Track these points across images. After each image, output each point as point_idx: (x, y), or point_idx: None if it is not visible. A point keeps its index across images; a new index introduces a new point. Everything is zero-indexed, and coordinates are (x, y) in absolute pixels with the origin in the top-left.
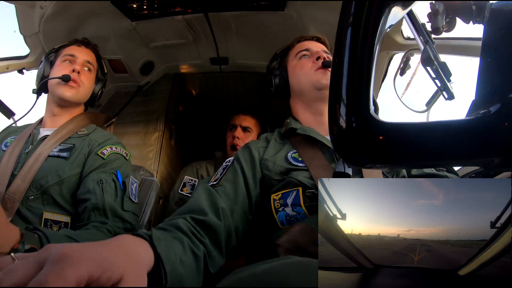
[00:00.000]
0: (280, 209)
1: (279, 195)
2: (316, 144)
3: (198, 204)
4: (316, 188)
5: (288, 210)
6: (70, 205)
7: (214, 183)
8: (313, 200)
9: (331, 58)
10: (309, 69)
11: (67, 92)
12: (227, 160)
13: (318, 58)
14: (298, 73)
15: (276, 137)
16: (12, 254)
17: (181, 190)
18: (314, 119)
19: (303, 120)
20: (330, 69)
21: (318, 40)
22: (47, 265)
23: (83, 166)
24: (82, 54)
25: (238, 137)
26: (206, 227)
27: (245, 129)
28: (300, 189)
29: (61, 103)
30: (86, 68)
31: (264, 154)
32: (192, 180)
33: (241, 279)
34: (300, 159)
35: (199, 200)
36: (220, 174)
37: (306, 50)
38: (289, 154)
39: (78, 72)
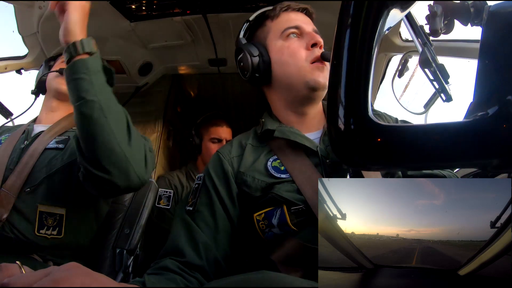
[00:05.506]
0: (267, 230)
1: (262, 215)
2: (299, 145)
3: (176, 244)
4: (304, 203)
5: (276, 230)
6: (65, 196)
7: (190, 208)
8: (300, 215)
9: (319, 39)
10: (303, 60)
11: (63, 85)
12: (198, 176)
13: (314, 45)
14: (287, 60)
15: (253, 140)
16: (17, 262)
17: (158, 204)
18: (296, 119)
19: (282, 118)
20: (328, 63)
21: (307, 13)
22: (51, 273)
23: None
24: None
25: None
26: (190, 267)
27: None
28: (285, 206)
29: (59, 97)
30: None
31: (240, 166)
32: (166, 192)
33: None
34: (282, 168)
35: (177, 238)
36: (194, 197)
37: (296, 28)
38: (269, 163)
39: None
